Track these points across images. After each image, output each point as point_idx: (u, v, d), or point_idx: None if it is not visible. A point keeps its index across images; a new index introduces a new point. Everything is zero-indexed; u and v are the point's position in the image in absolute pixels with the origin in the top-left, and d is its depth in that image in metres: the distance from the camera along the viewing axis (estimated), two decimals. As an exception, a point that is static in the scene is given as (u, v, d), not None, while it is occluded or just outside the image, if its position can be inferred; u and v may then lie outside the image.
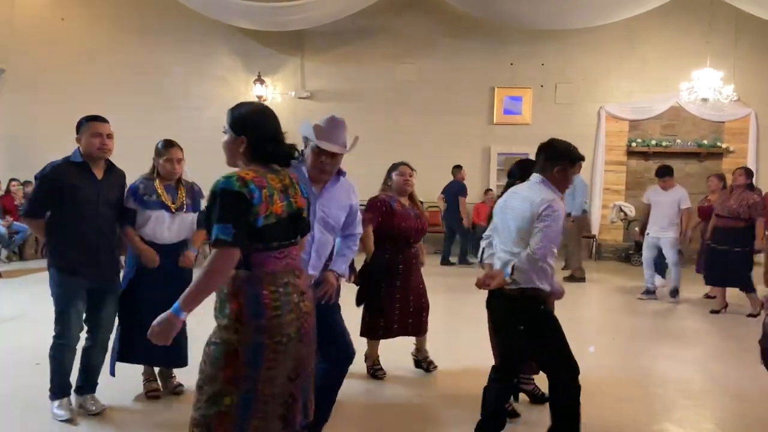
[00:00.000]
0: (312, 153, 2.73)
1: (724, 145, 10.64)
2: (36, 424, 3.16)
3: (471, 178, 9.92)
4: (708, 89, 9.25)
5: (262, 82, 10.69)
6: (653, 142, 10.69)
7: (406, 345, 4.17)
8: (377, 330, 3.94)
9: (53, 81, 10.56)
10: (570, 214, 7.79)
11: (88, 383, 3.36)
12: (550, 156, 2.80)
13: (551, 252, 2.65)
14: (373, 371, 4.02)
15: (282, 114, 2.21)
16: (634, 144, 10.75)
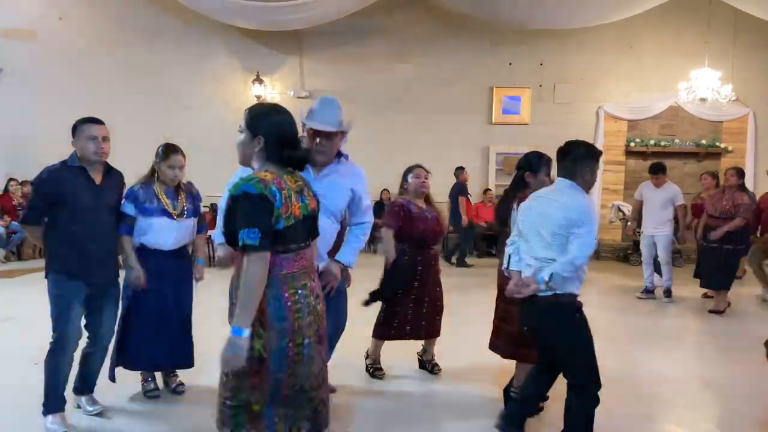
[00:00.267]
0: (307, 136, 2.75)
1: (722, 145, 10.66)
2: (36, 424, 3.14)
3: (470, 178, 9.92)
4: (706, 89, 9.25)
5: (260, 81, 10.68)
6: (652, 141, 10.71)
7: (410, 344, 4.15)
8: (389, 331, 3.95)
9: (51, 80, 10.54)
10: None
11: (86, 384, 3.35)
12: (577, 159, 2.78)
13: (588, 257, 2.66)
14: (372, 370, 4.01)
15: (281, 114, 2.21)
16: (632, 144, 10.76)
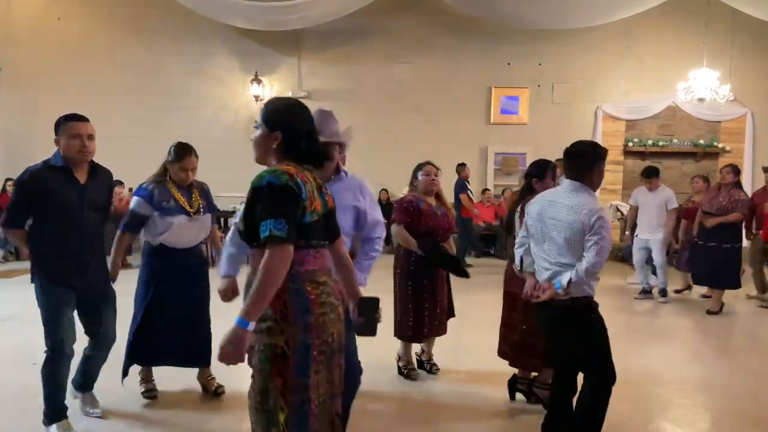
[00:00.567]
0: None
1: (720, 145, 10.69)
2: (35, 424, 3.12)
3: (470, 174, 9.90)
4: (704, 89, 9.28)
5: (259, 81, 10.68)
6: (650, 141, 10.73)
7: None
8: (406, 331, 3.96)
9: (50, 80, 10.54)
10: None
11: (86, 381, 3.31)
12: (585, 160, 2.78)
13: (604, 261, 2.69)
14: (407, 372, 4.04)
15: (280, 114, 2.21)
16: (630, 144, 10.78)
